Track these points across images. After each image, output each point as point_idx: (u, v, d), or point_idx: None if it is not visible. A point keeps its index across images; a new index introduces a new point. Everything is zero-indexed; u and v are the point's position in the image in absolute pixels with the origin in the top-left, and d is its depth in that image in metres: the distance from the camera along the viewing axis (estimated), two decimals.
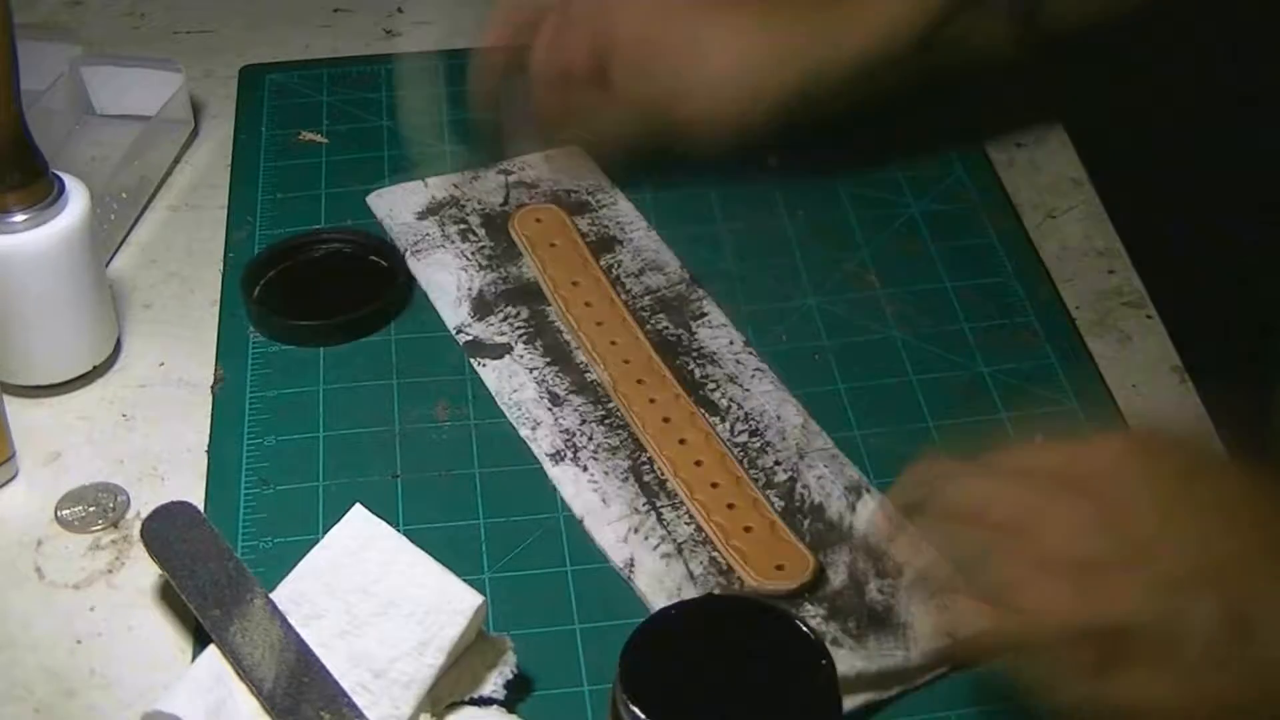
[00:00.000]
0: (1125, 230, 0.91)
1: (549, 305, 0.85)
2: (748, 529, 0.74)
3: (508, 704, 0.67)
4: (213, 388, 0.82)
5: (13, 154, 0.77)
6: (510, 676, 0.67)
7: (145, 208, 0.94)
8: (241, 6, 1.10)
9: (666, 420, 0.79)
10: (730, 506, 0.75)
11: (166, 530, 0.70)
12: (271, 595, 0.68)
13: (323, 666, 0.65)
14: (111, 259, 0.90)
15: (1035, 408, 0.80)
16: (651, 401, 0.79)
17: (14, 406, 0.79)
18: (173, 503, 0.72)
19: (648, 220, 0.91)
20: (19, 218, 0.77)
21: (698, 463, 0.77)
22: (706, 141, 0.86)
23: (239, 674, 0.66)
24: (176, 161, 0.97)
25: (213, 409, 0.81)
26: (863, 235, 0.90)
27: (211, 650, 0.67)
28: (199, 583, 0.69)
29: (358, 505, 0.70)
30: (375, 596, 0.67)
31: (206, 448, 0.79)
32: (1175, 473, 0.64)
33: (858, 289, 0.87)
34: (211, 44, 1.07)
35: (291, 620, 0.67)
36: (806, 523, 0.74)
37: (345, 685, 0.65)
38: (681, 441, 0.78)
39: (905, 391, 0.81)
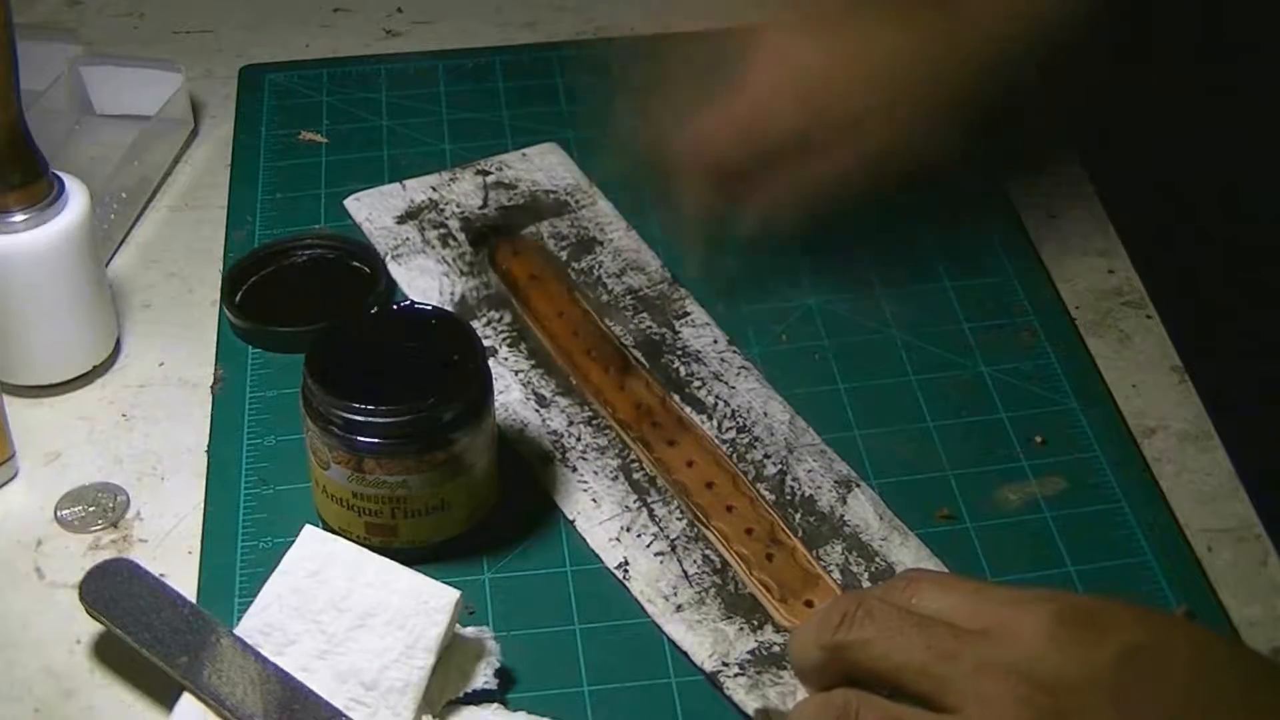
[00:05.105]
0: (1125, 230, 0.91)
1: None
2: (770, 557, 0.73)
3: (501, 695, 0.67)
4: (212, 388, 0.82)
5: (13, 154, 0.77)
6: (498, 665, 0.67)
7: (145, 208, 0.94)
8: (241, 6, 1.10)
9: (672, 444, 0.78)
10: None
11: (107, 589, 0.68)
12: (236, 631, 0.67)
13: (311, 691, 0.64)
14: (111, 259, 0.90)
15: (1035, 408, 0.80)
16: (655, 425, 0.79)
17: (14, 406, 0.79)
18: (107, 561, 0.70)
19: (627, 220, 0.91)
20: (19, 218, 0.77)
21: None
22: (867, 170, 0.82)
23: (223, 717, 0.64)
24: (176, 161, 0.97)
25: (212, 409, 0.81)
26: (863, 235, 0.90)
27: (186, 700, 0.65)
28: (156, 634, 0.66)
29: (308, 526, 0.69)
30: (348, 611, 0.66)
31: (206, 448, 0.79)
32: (1111, 663, 0.57)
33: (857, 289, 0.87)
34: (211, 44, 1.07)
35: (264, 652, 0.65)
36: (798, 516, 0.74)
37: (338, 704, 0.64)
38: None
39: (905, 391, 0.81)
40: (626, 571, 0.72)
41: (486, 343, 0.83)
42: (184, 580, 0.72)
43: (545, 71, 1.03)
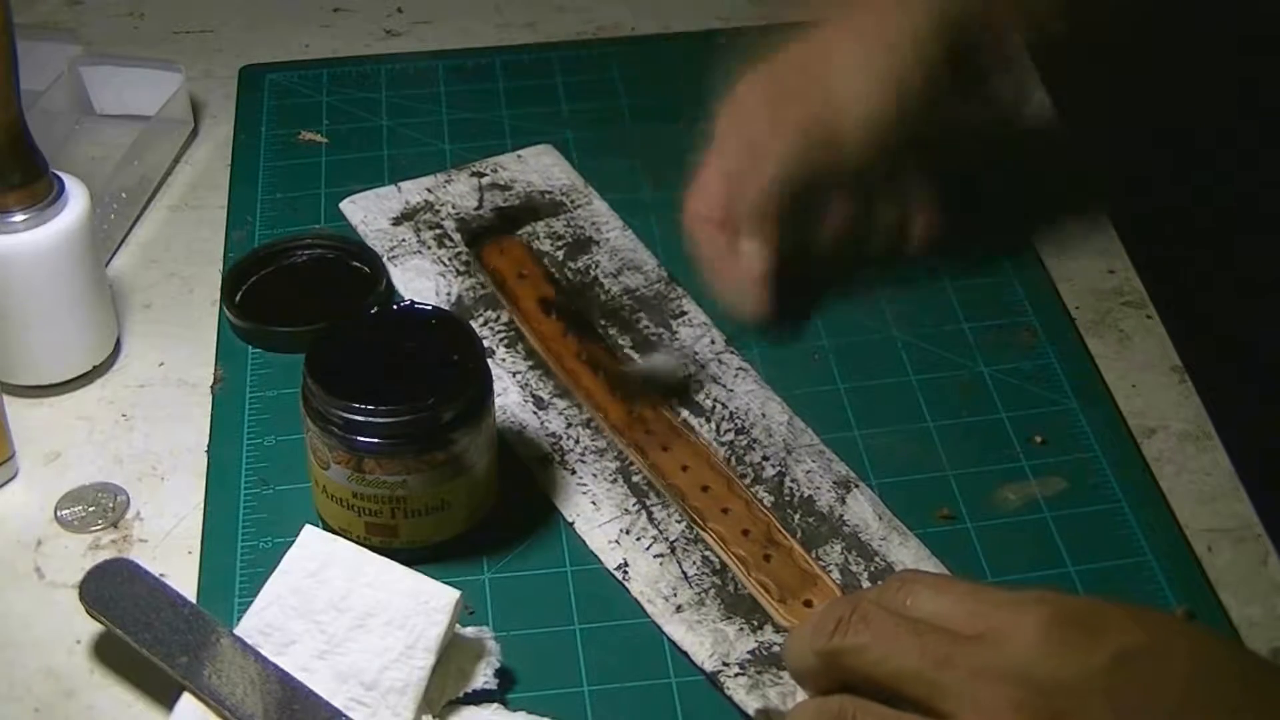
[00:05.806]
0: (1125, 230, 0.91)
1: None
2: (767, 557, 0.73)
3: (501, 695, 0.67)
4: (212, 388, 0.82)
5: (13, 154, 0.77)
6: (498, 665, 0.67)
7: (145, 208, 0.94)
8: (241, 6, 1.10)
9: (666, 449, 0.78)
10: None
11: (106, 590, 0.68)
12: (236, 631, 0.67)
13: (310, 691, 0.64)
14: (111, 259, 0.90)
15: (1035, 408, 0.80)
16: (649, 432, 0.79)
17: (14, 406, 0.79)
18: (107, 561, 0.70)
19: (623, 220, 0.91)
20: (19, 218, 0.77)
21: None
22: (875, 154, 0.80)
23: (223, 717, 0.64)
24: (176, 161, 0.97)
25: (212, 409, 0.81)
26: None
27: (186, 700, 0.65)
28: (156, 634, 0.66)
29: (308, 526, 0.69)
30: (348, 611, 0.66)
31: (206, 448, 0.79)
32: (1107, 665, 0.57)
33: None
34: (211, 44, 1.07)
35: (264, 652, 0.66)
36: (797, 517, 0.74)
37: (337, 704, 0.64)
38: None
39: (905, 391, 0.81)
40: (626, 573, 0.72)
41: (484, 343, 0.83)
42: (184, 580, 0.72)
43: (545, 72, 1.03)
